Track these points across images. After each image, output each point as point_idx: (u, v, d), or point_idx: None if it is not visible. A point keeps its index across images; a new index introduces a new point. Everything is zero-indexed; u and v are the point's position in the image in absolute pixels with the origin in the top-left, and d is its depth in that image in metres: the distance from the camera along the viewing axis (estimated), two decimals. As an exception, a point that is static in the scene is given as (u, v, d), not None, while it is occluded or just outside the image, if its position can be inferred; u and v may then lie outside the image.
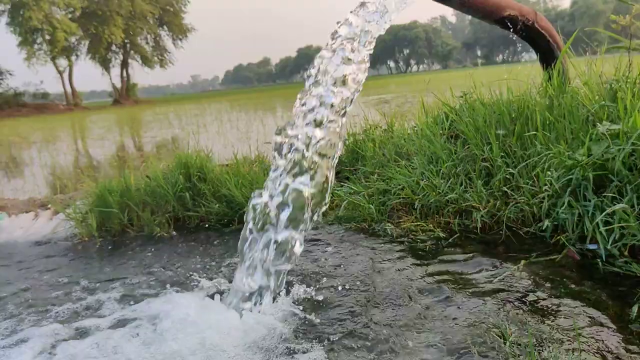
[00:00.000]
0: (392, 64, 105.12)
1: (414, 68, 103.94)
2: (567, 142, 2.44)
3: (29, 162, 9.26)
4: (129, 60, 55.79)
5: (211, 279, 2.34)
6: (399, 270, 2.20)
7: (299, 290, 2.08)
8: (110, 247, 3.12)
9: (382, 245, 2.52)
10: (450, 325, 1.70)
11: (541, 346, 1.50)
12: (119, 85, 54.18)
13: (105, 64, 54.30)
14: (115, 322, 2.00)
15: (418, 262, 2.26)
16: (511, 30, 3.02)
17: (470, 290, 1.92)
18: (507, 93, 3.03)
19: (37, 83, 61.13)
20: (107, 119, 24.74)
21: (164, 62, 57.65)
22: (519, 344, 1.52)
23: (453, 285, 1.99)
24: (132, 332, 1.86)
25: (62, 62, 50.31)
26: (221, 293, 2.12)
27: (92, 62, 53.31)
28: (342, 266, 2.33)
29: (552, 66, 2.98)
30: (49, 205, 3.87)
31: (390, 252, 2.42)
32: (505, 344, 1.53)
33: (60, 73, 50.29)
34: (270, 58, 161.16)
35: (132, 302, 2.18)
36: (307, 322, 1.85)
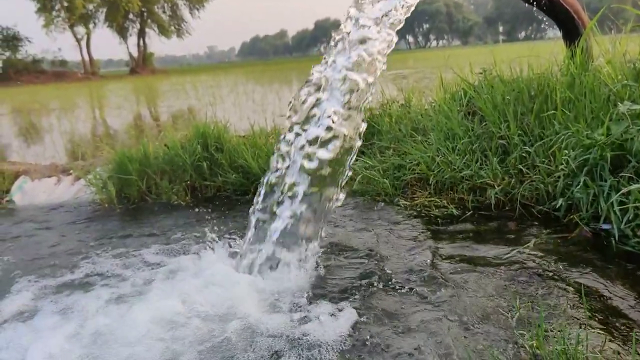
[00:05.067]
0: (411, 38, 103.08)
1: (434, 43, 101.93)
2: (586, 121, 2.42)
3: (48, 129, 9.40)
4: (146, 30, 55.52)
5: (224, 244, 2.38)
6: (410, 243, 2.24)
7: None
8: (129, 213, 3.20)
9: (395, 218, 2.55)
10: (461, 299, 1.74)
11: (550, 320, 1.53)
12: (135, 54, 54.14)
13: (122, 33, 54.08)
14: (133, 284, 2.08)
15: (430, 236, 2.30)
16: (535, 5, 2.95)
17: (482, 265, 1.95)
18: (527, 70, 2.99)
19: (55, 50, 61.16)
20: (124, 88, 24.84)
21: (180, 32, 57.21)
22: (529, 317, 1.55)
23: (464, 260, 2.02)
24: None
25: (80, 29, 50.29)
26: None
27: (109, 30, 53.22)
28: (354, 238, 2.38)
29: (576, 43, 2.93)
30: (71, 171, 3.96)
31: (402, 226, 2.45)
32: (514, 317, 1.57)
33: (78, 41, 50.27)
34: (287, 30, 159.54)
35: (146, 265, 2.27)
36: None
